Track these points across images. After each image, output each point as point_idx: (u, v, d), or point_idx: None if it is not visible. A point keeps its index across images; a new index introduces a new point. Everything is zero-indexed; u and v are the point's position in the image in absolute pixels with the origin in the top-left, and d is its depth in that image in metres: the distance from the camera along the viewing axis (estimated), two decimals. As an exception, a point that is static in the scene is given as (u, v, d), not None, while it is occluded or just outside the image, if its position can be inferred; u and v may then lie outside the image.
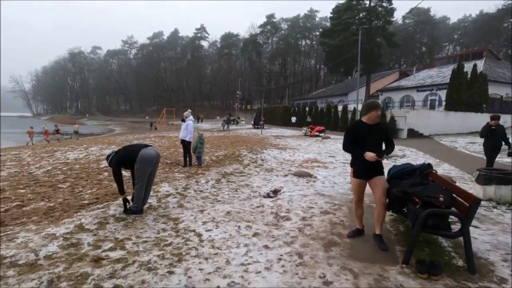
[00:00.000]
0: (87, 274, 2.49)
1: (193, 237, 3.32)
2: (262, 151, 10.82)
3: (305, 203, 4.59)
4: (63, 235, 3.19)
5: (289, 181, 6.28)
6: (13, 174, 6.45)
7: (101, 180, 5.94)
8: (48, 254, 2.80)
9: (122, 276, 2.48)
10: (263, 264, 2.72)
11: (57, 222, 3.62)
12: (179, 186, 5.48)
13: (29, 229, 3.38)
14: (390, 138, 3.17)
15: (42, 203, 4.42)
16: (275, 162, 8.66)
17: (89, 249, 2.95)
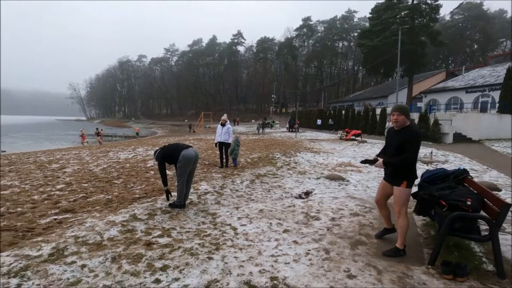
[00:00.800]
0: (141, 254, 2.96)
1: (229, 230, 3.68)
2: (295, 154, 10.99)
3: (335, 205, 4.73)
4: (121, 222, 3.75)
5: (321, 184, 6.42)
6: (76, 170, 7.44)
7: (148, 178, 6.62)
8: (110, 236, 3.35)
9: (169, 258, 2.91)
10: (291, 256, 2.97)
11: (115, 211, 4.22)
12: (216, 185, 5.93)
13: (94, 216, 4.01)
14: (403, 147, 2.81)
15: (101, 196, 5.13)
16: (308, 165, 8.80)
17: (141, 235, 3.45)
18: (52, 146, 20.10)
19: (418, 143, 2.83)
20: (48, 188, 5.58)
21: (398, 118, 2.87)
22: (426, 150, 11.90)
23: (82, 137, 22.28)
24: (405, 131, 2.87)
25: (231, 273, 2.64)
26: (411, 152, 2.78)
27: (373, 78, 61.77)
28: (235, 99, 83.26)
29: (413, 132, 2.81)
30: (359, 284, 2.47)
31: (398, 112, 2.89)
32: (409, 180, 2.83)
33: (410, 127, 2.89)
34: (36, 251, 2.92)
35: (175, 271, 2.68)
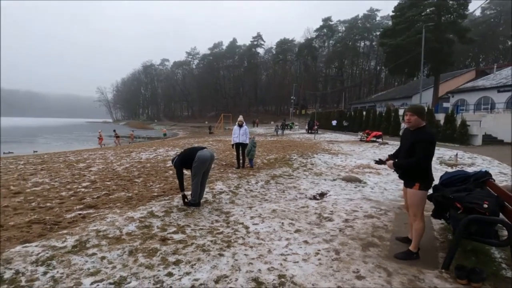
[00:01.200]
0: (156, 249, 3.10)
1: (241, 228, 3.75)
2: (312, 155, 10.91)
3: (350, 207, 4.67)
4: (139, 219, 3.93)
5: (336, 186, 6.35)
6: (101, 169, 7.85)
7: (167, 177, 6.85)
8: (129, 231, 3.53)
9: (182, 253, 3.03)
10: (301, 256, 3.00)
11: (134, 208, 4.43)
12: (231, 185, 6.03)
13: (114, 212, 4.23)
14: (414, 149, 2.75)
15: (122, 193, 5.39)
16: (324, 167, 8.71)
17: (158, 230, 3.61)
18: (80, 147, 21.22)
19: (430, 145, 2.73)
20: (74, 186, 5.93)
21: (411, 119, 2.81)
22: (452, 152, 11.38)
23: (100, 139, 22.40)
24: (418, 132, 2.80)
25: (240, 270, 2.71)
26: (418, 155, 2.71)
27: (396, 78, 59.82)
28: (254, 100, 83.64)
29: (425, 134, 2.74)
30: (367, 285, 2.45)
31: (410, 112, 2.83)
32: (422, 182, 2.76)
33: (423, 128, 2.81)
34: (61, 243, 3.15)
35: (187, 265, 2.78)
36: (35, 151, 16.24)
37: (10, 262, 2.73)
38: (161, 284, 2.47)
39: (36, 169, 7.84)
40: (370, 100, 47.37)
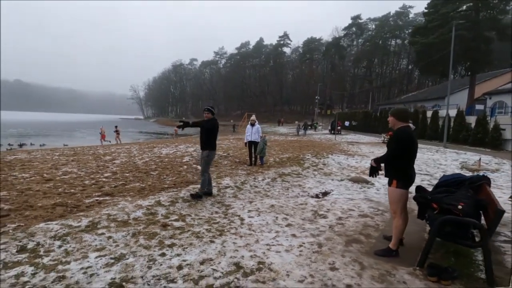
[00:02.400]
0: (156, 233, 3.47)
1: (236, 220, 4.02)
2: (327, 156, 10.91)
3: (347, 206, 4.77)
4: (146, 206, 4.34)
5: (342, 186, 6.41)
6: (123, 162, 8.51)
7: (180, 172, 7.30)
8: (135, 217, 3.94)
9: (178, 238, 3.36)
10: (285, 247, 3.20)
11: (145, 197, 4.87)
12: (238, 181, 6.32)
13: (126, 200, 4.69)
14: (388, 147, 3.00)
15: (137, 184, 5.88)
16: (336, 167, 8.73)
17: (161, 217, 3.98)
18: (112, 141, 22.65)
19: (397, 144, 2.87)
20: (97, 176, 6.55)
21: (389, 120, 2.99)
22: (476, 157, 10.82)
23: (102, 135, 20.85)
24: (394, 132, 2.98)
25: (225, 255, 2.98)
26: (389, 150, 2.92)
27: (430, 78, 56.81)
28: (279, 100, 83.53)
29: (396, 133, 2.91)
30: (337, 276, 2.61)
31: (389, 114, 3.04)
32: (399, 180, 2.88)
33: (399, 129, 2.96)
34: (77, 223, 3.62)
35: (179, 248, 3.11)
36: (66, 145, 17.72)
37: (33, 235, 3.23)
38: (153, 262, 2.81)
39: (67, 160, 8.68)
40: (399, 101, 45.47)
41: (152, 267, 2.70)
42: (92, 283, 2.42)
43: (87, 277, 2.50)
